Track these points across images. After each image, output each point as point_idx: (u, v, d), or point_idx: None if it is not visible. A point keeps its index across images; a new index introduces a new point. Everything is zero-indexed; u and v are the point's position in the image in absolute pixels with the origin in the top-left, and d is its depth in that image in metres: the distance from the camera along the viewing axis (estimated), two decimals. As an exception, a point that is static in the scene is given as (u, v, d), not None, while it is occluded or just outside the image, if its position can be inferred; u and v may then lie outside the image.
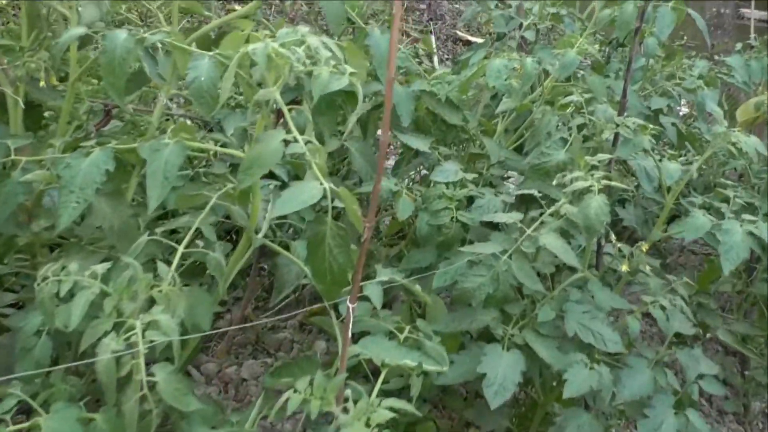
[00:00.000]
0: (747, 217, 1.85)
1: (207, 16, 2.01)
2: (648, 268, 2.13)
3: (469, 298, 1.75)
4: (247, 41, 1.45)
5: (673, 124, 3.08)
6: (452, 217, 1.88)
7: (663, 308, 1.88)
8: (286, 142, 1.34)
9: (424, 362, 1.48)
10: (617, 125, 1.84)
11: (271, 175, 1.98)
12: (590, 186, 1.62)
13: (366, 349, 1.45)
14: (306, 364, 1.58)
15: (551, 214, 1.76)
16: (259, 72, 1.42)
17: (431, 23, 8.10)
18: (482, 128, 2.29)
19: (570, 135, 1.91)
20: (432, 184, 1.95)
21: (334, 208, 1.28)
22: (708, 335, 2.88)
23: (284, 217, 2.02)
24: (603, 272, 2.07)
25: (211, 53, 1.43)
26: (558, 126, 2.12)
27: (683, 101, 3.46)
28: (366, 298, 1.65)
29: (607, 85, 2.76)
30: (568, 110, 2.03)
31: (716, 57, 4.07)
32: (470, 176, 1.98)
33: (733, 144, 1.87)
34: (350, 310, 1.33)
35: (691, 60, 3.57)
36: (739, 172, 3.29)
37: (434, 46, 7.61)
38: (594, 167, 1.71)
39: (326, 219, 1.26)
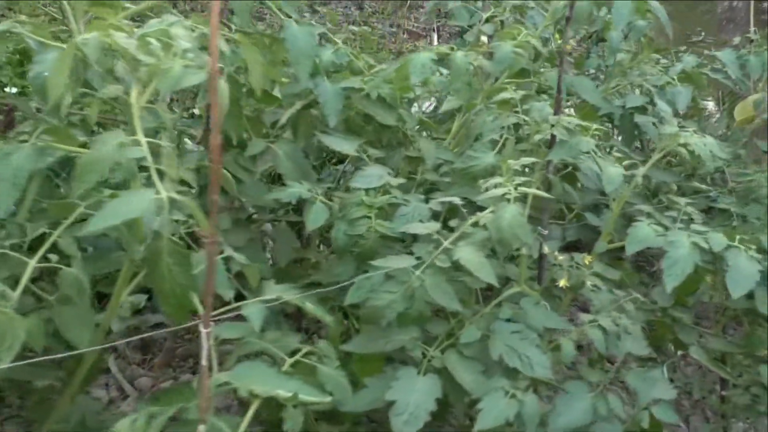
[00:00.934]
0: (696, 227, 1.66)
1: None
2: (595, 281, 1.95)
3: (379, 317, 1.58)
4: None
5: (654, 124, 2.88)
6: (369, 227, 1.72)
7: (602, 329, 1.70)
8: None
9: (305, 391, 1.32)
10: (552, 125, 1.66)
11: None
12: (505, 194, 1.44)
13: (236, 377, 1.29)
14: (186, 392, 1.43)
15: (474, 224, 1.59)
16: (121, 66, 1.28)
17: (435, 20, 7.95)
18: (424, 128, 2.11)
19: (502, 136, 1.73)
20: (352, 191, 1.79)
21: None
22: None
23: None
24: (546, 286, 1.88)
25: (62, 46, 1.29)
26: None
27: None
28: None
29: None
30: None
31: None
32: (396, 181, 1.81)
33: (684, 146, 1.68)
34: (205, 336, 1.17)
35: (678, 55, 3.36)
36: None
37: (436, 43, 7.47)
38: (518, 172, 1.53)
39: (162, 234, 1.10)
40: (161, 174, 1.12)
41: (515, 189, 1.45)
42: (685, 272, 1.57)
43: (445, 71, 2.15)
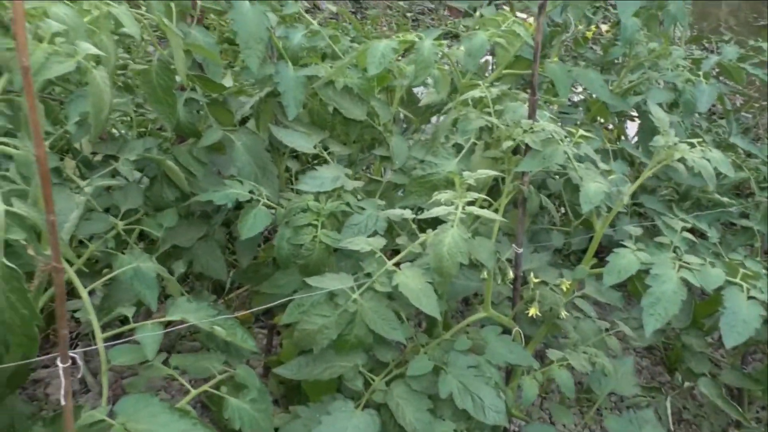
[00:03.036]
0: (691, 259, 1.41)
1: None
2: (584, 305, 1.72)
3: (310, 343, 1.40)
4: None
5: (681, 123, 2.59)
6: (314, 237, 1.52)
7: (572, 369, 1.47)
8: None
9: (197, 434, 1.15)
10: (524, 131, 1.42)
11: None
12: (449, 215, 1.23)
13: (117, 414, 1.13)
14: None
15: (421, 244, 1.38)
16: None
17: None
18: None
19: (467, 141, 1.50)
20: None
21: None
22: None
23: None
24: (519, 312, 1.65)
25: None
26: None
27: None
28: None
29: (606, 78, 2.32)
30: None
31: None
32: (352, 185, 1.60)
33: (682, 161, 1.42)
34: (63, 373, 1.01)
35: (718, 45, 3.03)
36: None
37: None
38: (472, 188, 1.31)
39: (-3, 256, 0.94)
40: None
41: (463, 209, 1.24)
42: (669, 313, 1.32)
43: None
